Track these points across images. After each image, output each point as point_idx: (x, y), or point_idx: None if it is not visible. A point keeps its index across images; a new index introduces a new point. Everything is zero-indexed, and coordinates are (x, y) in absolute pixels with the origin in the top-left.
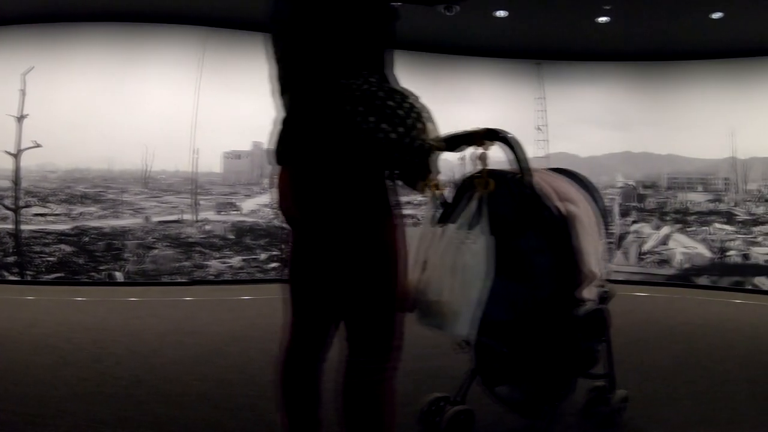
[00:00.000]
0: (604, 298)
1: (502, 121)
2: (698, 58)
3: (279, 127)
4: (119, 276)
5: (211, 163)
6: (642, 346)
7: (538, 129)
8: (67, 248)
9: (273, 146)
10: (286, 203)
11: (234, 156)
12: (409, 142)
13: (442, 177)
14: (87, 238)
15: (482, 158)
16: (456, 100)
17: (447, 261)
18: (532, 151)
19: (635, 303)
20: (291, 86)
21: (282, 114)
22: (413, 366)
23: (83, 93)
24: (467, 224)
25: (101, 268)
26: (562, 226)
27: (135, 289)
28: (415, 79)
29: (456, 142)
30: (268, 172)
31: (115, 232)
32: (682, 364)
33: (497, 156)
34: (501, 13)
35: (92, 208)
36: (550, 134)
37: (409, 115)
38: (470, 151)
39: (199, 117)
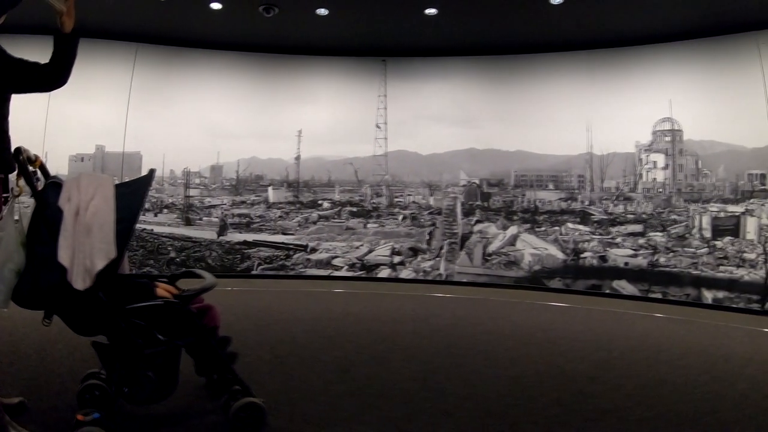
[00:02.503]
0: (185, 297)
1: (344, 119)
2: (551, 51)
3: None
4: None
5: (59, 165)
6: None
7: (378, 127)
8: None
9: None
10: None
11: (78, 159)
12: None
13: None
14: None
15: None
16: (300, 100)
17: None
18: (371, 149)
19: (447, 304)
20: None
21: None
22: None
23: None
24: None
25: None
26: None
27: None
28: (257, 79)
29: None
30: (108, 173)
31: None
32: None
33: None
34: (321, 11)
35: None
36: (392, 132)
37: None
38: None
39: (50, 122)
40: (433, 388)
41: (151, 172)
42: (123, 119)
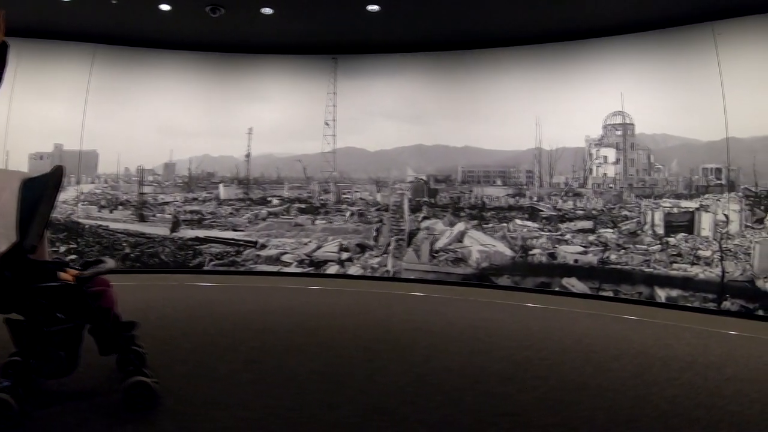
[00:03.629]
0: (81, 279)
1: (294, 117)
2: (501, 45)
3: None
4: None
5: (20, 163)
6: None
7: (326, 124)
8: None
9: None
10: None
11: (37, 157)
12: None
13: None
14: None
15: None
16: (251, 99)
17: None
18: (320, 146)
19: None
20: None
21: None
22: None
23: None
24: None
25: None
26: None
27: None
28: (209, 79)
29: None
30: (66, 170)
31: None
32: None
33: None
34: (266, 11)
35: None
36: (341, 129)
37: None
38: None
39: (11, 121)
40: (333, 381)
41: (59, 168)
42: (80, 118)
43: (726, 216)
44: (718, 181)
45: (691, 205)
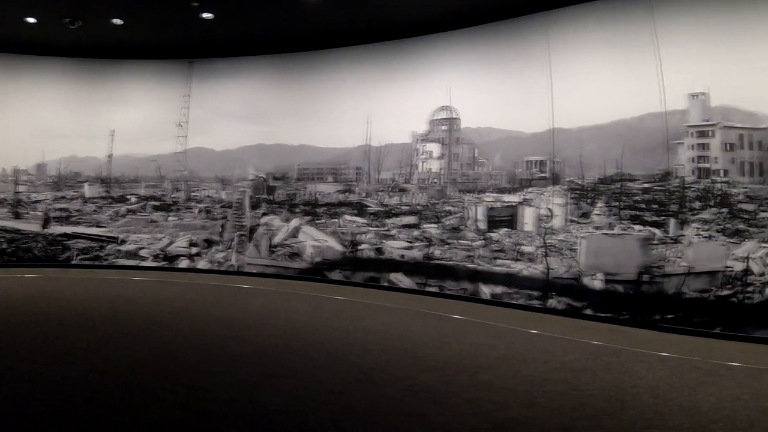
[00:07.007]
0: None
1: (151, 119)
2: (338, 46)
3: None
4: None
5: None
6: None
7: (179, 125)
8: None
9: None
10: None
11: None
12: None
13: None
14: None
15: None
16: (114, 102)
17: None
18: (171, 146)
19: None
20: None
21: None
22: None
23: None
24: None
25: None
26: None
27: None
28: (77, 83)
29: None
30: None
31: None
32: None
33: None
34: (117, 21)
35: None
36: (192, 130)
37: None
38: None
39: None
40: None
41: None
42: None
43: (550, 210)
44: (542, 174)
45: (513, 199)
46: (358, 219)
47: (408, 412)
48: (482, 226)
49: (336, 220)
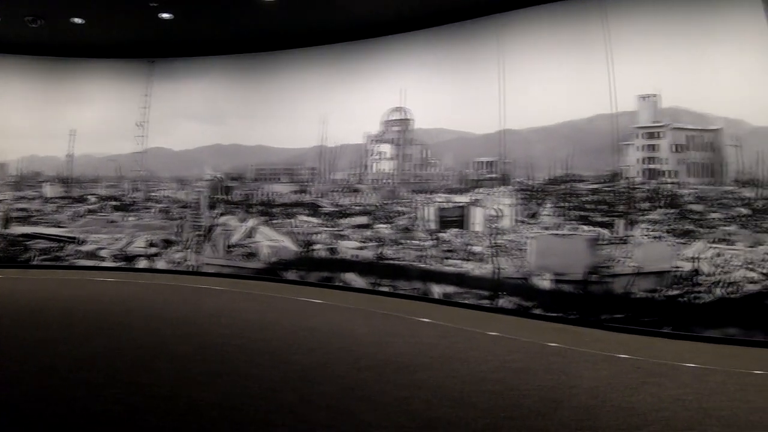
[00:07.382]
0: None
1: (111, 119)
2: (296, 47)
3: None
4: None
5: None
6: None
7: (138, 125)
8: None
9: None
10: None
11: None
12: None
13: None
14: None
15: None
16: (74, 101)
17: None
18: (131, 146)
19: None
20: None
21: None
22: None
23: None
24: None
25: None
26: None
27: None
28: (38, 83)
29: None
30: None
31: None
32: None
33: None
34: (77, 20)
35: None
36: (152, 130)
37: None
38: None
39: None
40: None
41: None
42: None
43: (499, 210)
44: (491, 175)
45: (462, 199)
46: (312, 219)
47: (338, 410)
48: (433, 226)
49: (291, 220)
